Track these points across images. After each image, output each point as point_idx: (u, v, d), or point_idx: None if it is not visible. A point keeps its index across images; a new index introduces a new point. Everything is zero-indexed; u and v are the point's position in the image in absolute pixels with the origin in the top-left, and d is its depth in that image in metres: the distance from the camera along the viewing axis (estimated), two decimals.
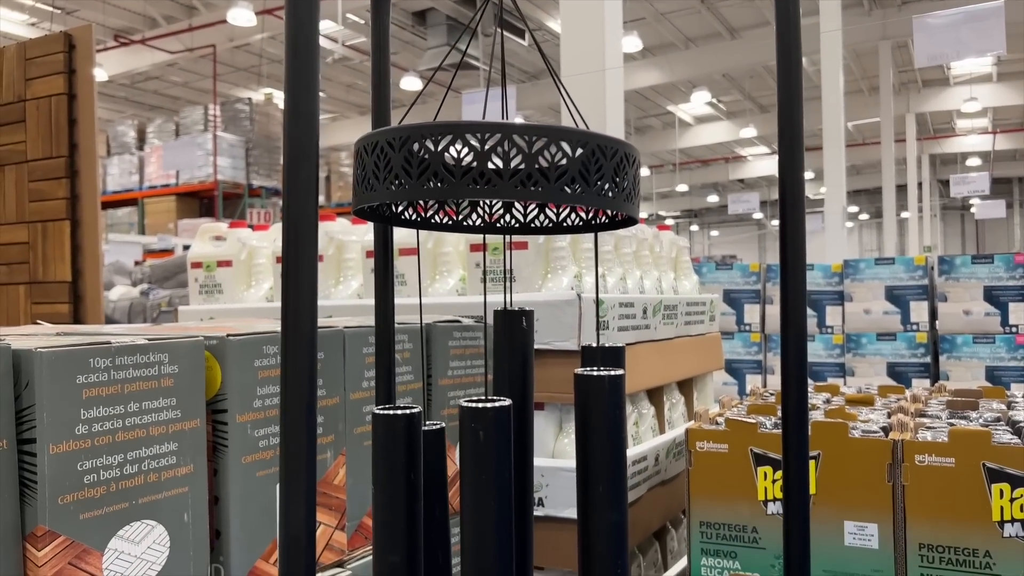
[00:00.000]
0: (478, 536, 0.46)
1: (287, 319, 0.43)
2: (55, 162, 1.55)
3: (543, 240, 1.35)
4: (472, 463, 0.46)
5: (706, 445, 1.20)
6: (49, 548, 0.64)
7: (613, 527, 0.49)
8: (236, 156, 8.64)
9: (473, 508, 0.46)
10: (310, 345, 0.39)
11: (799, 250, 0.54)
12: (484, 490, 0.46)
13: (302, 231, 0.45)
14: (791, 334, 0.55)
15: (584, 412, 0.51)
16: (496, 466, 0.46)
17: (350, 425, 0.95)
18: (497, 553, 0.46)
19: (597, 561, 0.48)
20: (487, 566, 0.46)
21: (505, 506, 0.46)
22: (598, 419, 0.50)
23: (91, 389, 0.68)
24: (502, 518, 0.46)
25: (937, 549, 1.07)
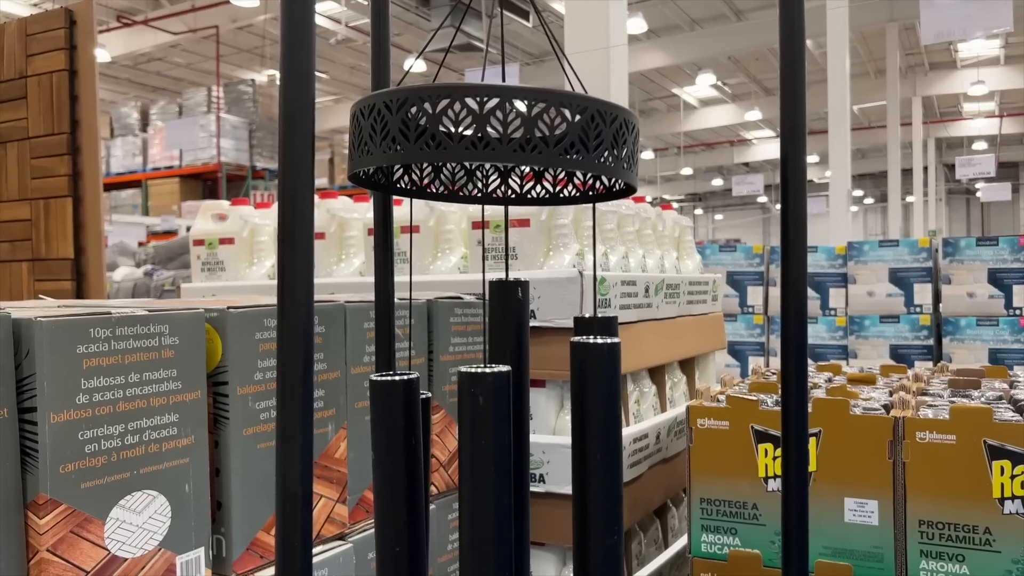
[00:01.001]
0: (477, 502, 0.46)
1: (284, 257, 0.42)
2: (57, 139, 1.55)
3: (545, 217, 1.35)
4: (470, 428, 0.46)
5: (707, 422, 1.21)
6: (51, 516, 0.64)
7: (609, 494, 0.49)
8: (239, 138, 8.61)
9: (472, 473, 0.46)
10: (306, 300, 0.39)
11: (800, 213, 0.54)
12: (483, 455, 0.46)
13: (299, 190, 0.45)
14: (791, 306, 0.55)
15: (581, 380, 0.50)
16: (495, 431, 0.46)
17: (351, 399, 0.95)
18: (496, 519, 0.46)
19: (592, 527, 0.48)
20: (486, 533, 0.46)
21: (503, 471, 0.46)
22: (595, 387, 0.50)
23: (91, 359, 0.68)
24: (500, 483, 0.46)
25: (937, 526, 1.07)
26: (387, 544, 0.50)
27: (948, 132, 16.56)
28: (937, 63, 13.13)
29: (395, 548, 0.50)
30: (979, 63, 12.56)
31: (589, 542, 0.48)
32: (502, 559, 0.44)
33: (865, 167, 18.60)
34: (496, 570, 0.43)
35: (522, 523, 0.60)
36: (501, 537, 0.46)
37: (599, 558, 0.48)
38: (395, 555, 0.50)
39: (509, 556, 0.45)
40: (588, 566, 0.49)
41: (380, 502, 0.51)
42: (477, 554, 0.44)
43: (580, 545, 0.50)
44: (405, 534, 0.50)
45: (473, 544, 0.45)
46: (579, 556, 0.50)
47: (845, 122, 7.66)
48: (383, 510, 0.51)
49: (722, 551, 1.20)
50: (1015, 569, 1.03)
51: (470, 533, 0.46)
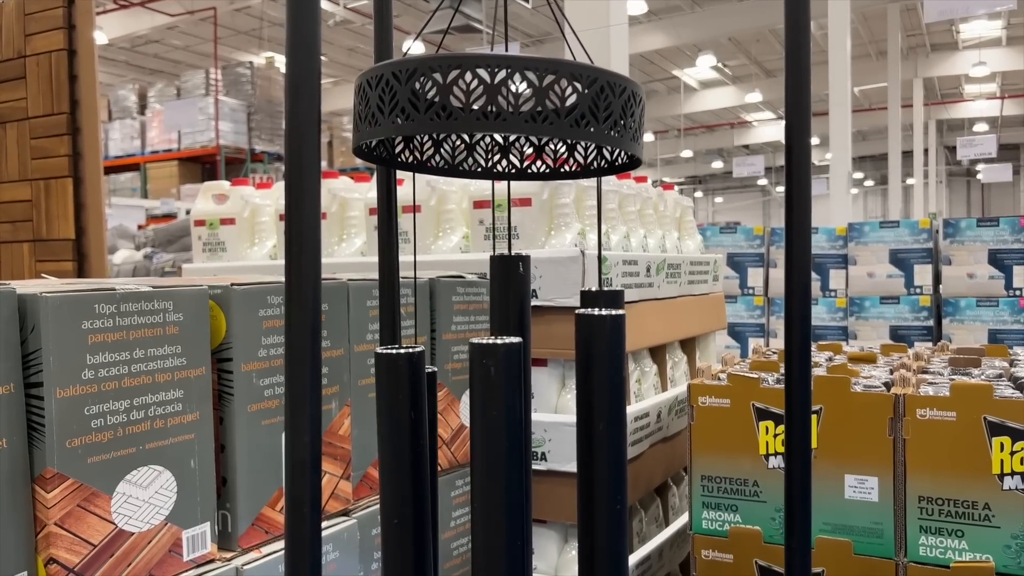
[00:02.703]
0: (489, 473, 0.47)
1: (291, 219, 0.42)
2: (56, 119, 1.54)
3: (547, 197, 1.34)
4: (482, 399, 0.46)
5: (708, 400, 1.21)
6: (58, 490, 0.65)
7: (613, 464, 0.50)
8: (238, 121, 8.58)
9: (484, 444, 0.46)
10: (314, 258, 0.39)
11: (804, 188, 0.54)
12: (495, 426, 0.46)
13: (306, 160, 0.45)
14: (795, 283, 0.55)
15: (586, 351, 0.51)
16: (506, 401, 0.46)
17: (355, 377, 0.96)
18: (508, 490, 0.47)
19: (597, 497, 0.49)
20: (498, 505, 0.46)
21: (515, 442, 0.47)
22: (600, 358, 0.50)
23: (96, 335, 0.68)
24: (512, 453, 0.46)
25: (936, 502, 1.08)
26: (391, 515, 0.51)
27: (949, 114, 16.50)
28: (939, 44, 13.06)
29: (398, 519, 0.50)
30: (981, 44, 12.50)
31: (594, 511, 0.49)
32: (514, 528, 0.44)
33: (865, 149, 18.55)
34: (508, 538, 0.43)
35: (525, 500, 0.60)
36: (513, 507, 0.46)
37: (604, 527, 0.49)
38: (399, 526, 0.50)
39: (521, 525, 0.45)
40: (594, 535, 0.49)
41: (385, 474, 0.51)
42: (489, 523, 0.45)
43: (585, 514, 0.51)
44: (409, 505, 0.51)
45: (485, 514, 0.45)
46: (584, 525, 0.50)
47: (846, 104, 7.63)
48: (388, 481, 0.51)
49: (723, 528, 1.21)
50: (1014, 544, 1.04)
51: (482, 503, 0.47)
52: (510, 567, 0.42)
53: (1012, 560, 1.04)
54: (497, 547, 0.43)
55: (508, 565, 0.42)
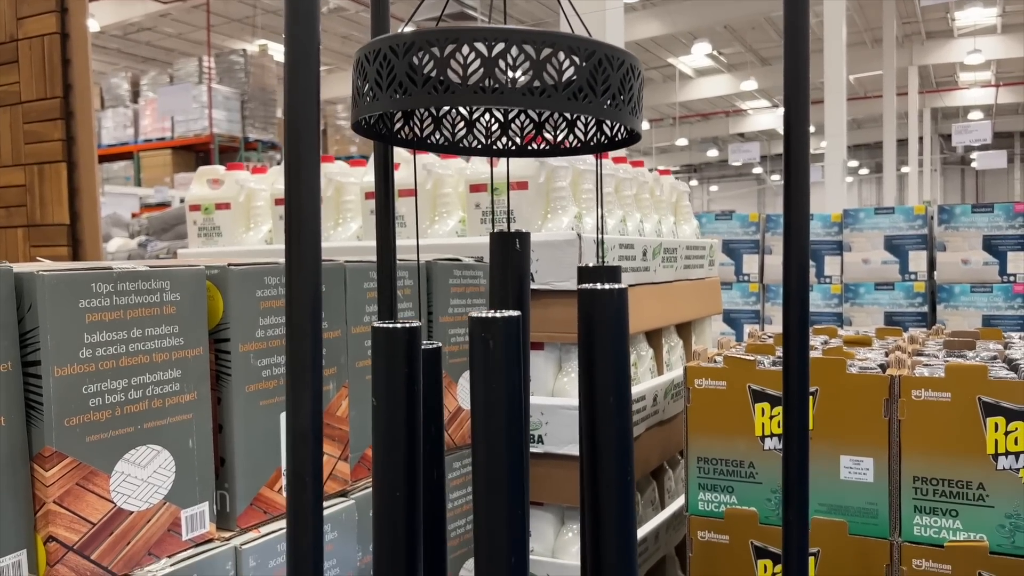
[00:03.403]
0: (490, 447, 0.47)
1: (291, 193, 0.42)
2: (50, 103, 1.53)
3: (543, 180, 1.34)
4: (482, 372, 0.46)
5: (704, 382, 1.21)
6: (57, 469, 0.65)
7: (620, 436, 0.50)
8: (232, 109, 8.54)
9: (485, 417, 0.46)
10: (314, 226, 0.39)
11: (803, 164, 0.54)
12: (495, 399, 0.46)
13: (304, 138, 0.45)
14: (793, 264, 0.55)
15: (589, 325, 0.51)
16: (506, 374, 0.46)
17: (352, 359, 0.96)
18: (509, 464, 0.47)
19: (605, 472, 0.49)
20: (500, 478, 0.46)
21: (515, 414, 0.47)
22: (603, 332, 0.50)
23: (94, 314, 0.68)
24: (513, 427, 0.46)
25: (931, 482, 1.08)
26: (387, 489, 0.51)
27: (944, 102, 16.51)
28: (934, 32, 13.04)
29: (395, 492, 0.50)
30: (976, 32, 12.49)
31: (601, 487, 0.49)
32: (516, 499, 0.44)
33: (860, 137, 18.55)
34: (510, 508, 0.44)
35: (522, 480, 0.61)
36: (515, 480, 0.46)
37: (613, 502, 0.49)
38: (394, 499, 0.51)
39: (522, 496, 0.45)
40: (600, 509, 0.49)
41: (379, 448, 0.51)
42: (492, 496, 0.45)
43: (591, 488, 0.51)
44: (404, 479, 0.51)
45: (488, 487, 0.46)
46: (591, 499, 0.51)
47: (841, 91, 7.62)
48: (383, 456, 0.51)
49: (719, 509, 1.21)
50: (1007, 523, 1.05)
51: (485, 477, 0.47)
52: (511, 517, 0.43)
53: (1006, 539, 1.05)
54: (499, 504, 0.43)
55: (509, 515, 0.43)
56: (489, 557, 0.42)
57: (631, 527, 0.50)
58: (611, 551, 0.46)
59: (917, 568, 1.09)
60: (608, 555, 0.46)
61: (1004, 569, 1.04)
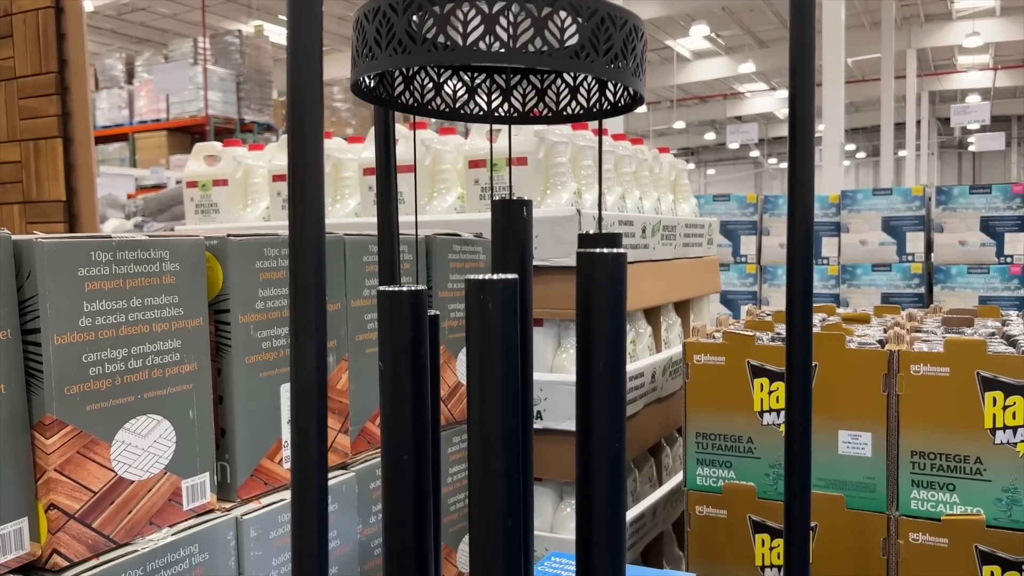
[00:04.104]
0: (487, 410, 0.46)
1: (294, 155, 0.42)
2: (45, 78, 1.52)
3: (542, 156, 1.34)
4: (478, 335, 0.46)
5: (703, 358, 1.22)
6: (57, 437, 0.65)
7: (612, 402, 0.50)
8: (227, 90, 8.48)
9: (480, 380, 0.46)
10: (317, 182, 0.39)
11: (807, 129, 0.54)
12: (492, 362, 0.46)
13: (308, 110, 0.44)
14: (798, 241, 0.55)
15: (587, 289, 0.51)
16: (504, 337, 0.46)
17: (352, 332, 0.96)
18: (506, 426, 0.47)
19: (596, 432, 0.49)
20: (495, 441, 0.46)
21: (512, 378, 0.47)
22: (600, 296, 0.50)
23: (93, 282, 0.67)
24: (510, 389, 0.46)
25: (929, 456, 1.09)
26: (394, 453, 0.51)
27: (942, 85, 16.47)
28: (932, 15, 13.00)
29: (403, 456, 0.50)
30: (975, 14, 12.44)
31: (592, 447, 0.49)
32: (511, 460, 0.44)
33: (858, 121, 18.52)
34: (505, 469, 0.44)
35: (526, 453, 0.60)
36: (510, 441, 0.46)
37: (603, 462, 0.49)
38: (402, 463, 0.51)
39: (517, 456, 0.45)
40: (592, 471, 0.49)
41: (387, 413, 0.51)
42: (487, 457, 0.45)
43: (583, 452, 0.51)
44: (411, 443, 0.51)
45: (483, 448, 0.45)
46: (583, 463, 0.51)
47: (839, 74, 7.60)
48: (390, 421, 0.51)
49: (717, 484, 1.22)
50: (1004, 497, 1.05)
51: (479, 439, 0.47)
52: (507, 480, 0.43)
53: (1003, 513, 1.06)
54: (495, 471, 0.43)
55: (506, 478, 0.43)
56: (485, 518, 0.43)
57: (621, 491, 0.50)
58: (602, 500, 0.47)
59: (914, 542, 1.09)
60: (599, 501, 0.47)
61: (1001, 542, 1.05)
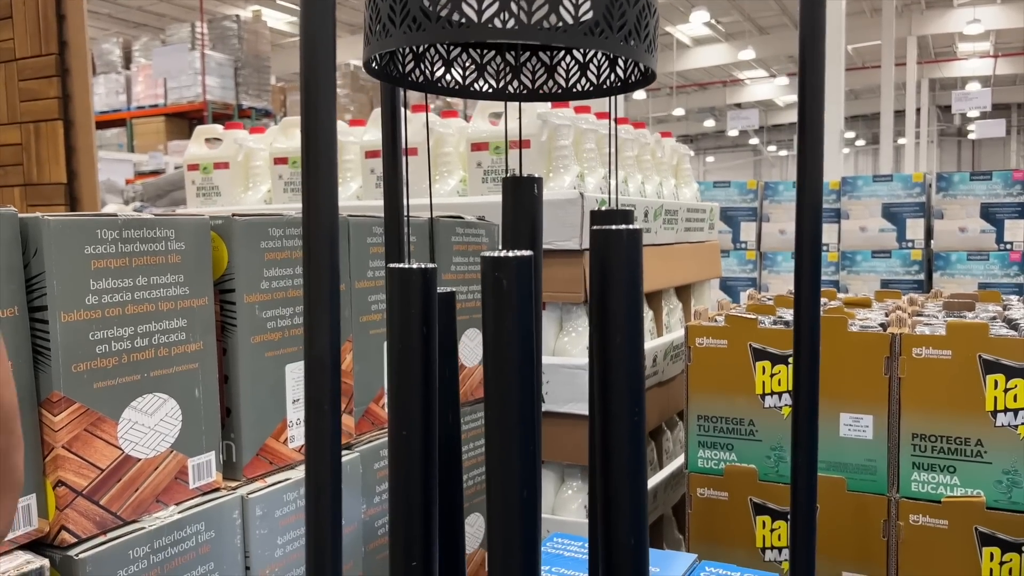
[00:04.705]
0: (503, 388, 0.47)
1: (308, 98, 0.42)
2: (45, 60, 1.51)
3: (545, 139, 1.33)
4: (494, 311, 0.46)
5: (705, 341, 1.22)
6: (65, 414, 0.65)
7: (631, 378, 0.50)
8: (225, 76, 8.44)
9: (495, 358, 0.46)
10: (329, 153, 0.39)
11: (817, 105, 0.54)
12: (508, 340, 0.46)
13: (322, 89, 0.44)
14: (806, 226, 0.55)
15: (603, 267, 0.51)
16: (520, 313, 0.46)
17: (356, 313, 0.96)
18: (522, 403, 0.47)
19: (615, 407, 0.49)
20: (513, 420, 0.46)
21: (527, 356, 0.47)
22: (617, 273, 0.50)
23: (99, 260, 0.67)
24: (526, 366, 0.46)
25: (930, 439, 1.09)
26: (400, 429, 0.51)
27: (942, 72, 16.43)
28: (933, 1, 12.94)
29: (403, 432, 0.51)
30: (976, 1, 12.39)
31: (610, 424, 0.49)
32: (527, 433, 0.45)
33: (857, 108, 18.48)
34: (522, 440, 0.44)
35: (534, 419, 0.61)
36: (527, 415, 0.47)
37: (623, 437, 0.49)
38: (406, 439, 0.51)
39: (534, 429, 0.45)
40: (610, 448, 0.49)
41: (393, 391, 0.51)
42: (504, 433, 0.45)
43: (603, 429, 0.51)
44: (419, 420, 0.51)
45: (501, 424, 0.46)
46: (602, 440, 0.51)
47: (840, 61, 7.57)
48: (397, 399, 0.51)
49: (718, 466, 1.22)
50: (1005, 479, 1.06)
51: (497, 413, 0.47)
52: (523, 450, 0.43)
53: (1003, 495, 1.06)
54: (513, 435, 0.43)
55: (522, 448, 0.43)
56: (502, 483, 0.43)
57: (642, 466, 0.50)
58: (623, 476, 0.47)
59: (914, 523, 1.10)
60: (619, 476, 0.47)
61: (1000, 524, 1.05)
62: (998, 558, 1.05)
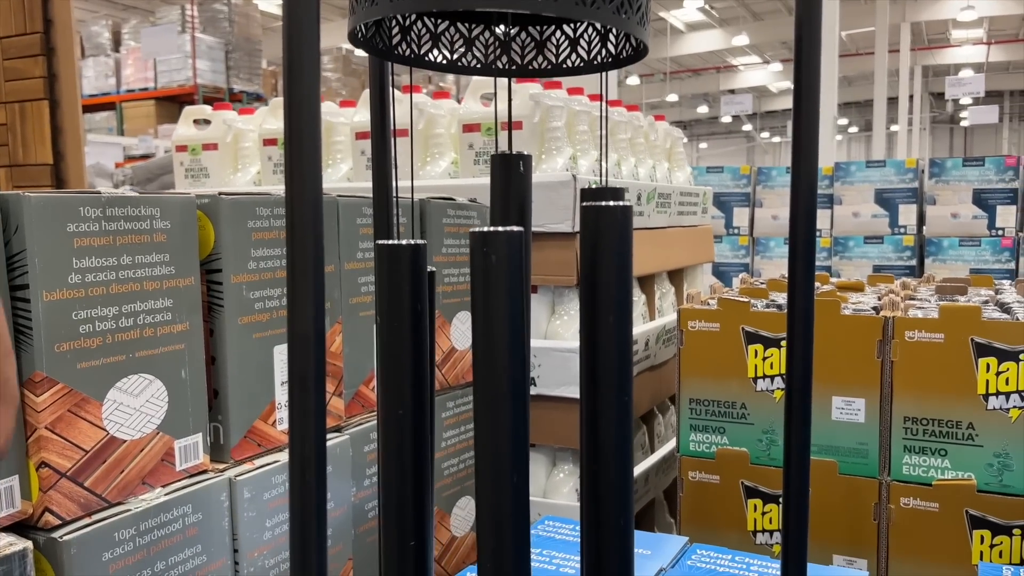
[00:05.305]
0: (492, 364, 0.46)
1: None
2: (30, 38, 1.49)
3: (538, 120, 1.32)
4: (483, 287, 0.45)
5: (698, 324, 1.21)
6: (48, 394, 0.64)
7: (621, 357, 0.49)
8: (216, 59, 8.36)
9: (486, 334, 0.45)
10: (314, 124, 0.38)
11: (813, 88, 0.53)
12: (498, 316, 0.45)
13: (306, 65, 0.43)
14: (801, 201, 0.54)
15: (593, 243, 0.50)
16: (509, 290, 0.45)
17: (345, 295, 0.95)
18: (511, 379, 0.46)
19: (603, 384, 0.48)
20: (503, 398, 0.46)
21: (518, 331, 0.46)
22: (607, 248, 0.49)
23: (82, 238, 0.66)
24: (515, 342, 0.45)
25: (921, 422, 1.09)
26: (391, 406, 0.50)
27: (935, 60, 16.42)
28: None
29: (399, 410, 0.50)
30: None
31: (599, 401, 0.49)
32: (518, 411, 0.44)
33: (850, 95, 18.47)
34: (513, 418, 0.43)
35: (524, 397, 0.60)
36: (517, 395, 0.46)
37: (610, 415, 0.49)
38: (399, 417, 0.50)
39: (524, 408, 0.45)
40: (598, 424, 0.49)
41: (383, 368, 0.50)
42: (493, 410, 0.44)
43: (590, 406, 0.50)
44: (409, 397, 0.50)
45: (490, 402, 0.45)
46: (589, 417, 0.50)
47: (833, 47, 7.56)
48: (388, 375, 0.50)
49: (710, 449, 1.22)
50: (996, 462, 1.06)
51: (485, 394, 0.46)
52: (514, 426, 0.42)
53: (994, 478, 1.06)
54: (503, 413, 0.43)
55: (513, 424, 0.42)
56: (492, 455, 0.42)
57: (628, 440, 0.50)
58: (609, 443, 0.46)
59: (905, 506, 1.10)
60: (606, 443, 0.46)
61: (991, 506, 1.06)
62: (988, 540, 1.06)
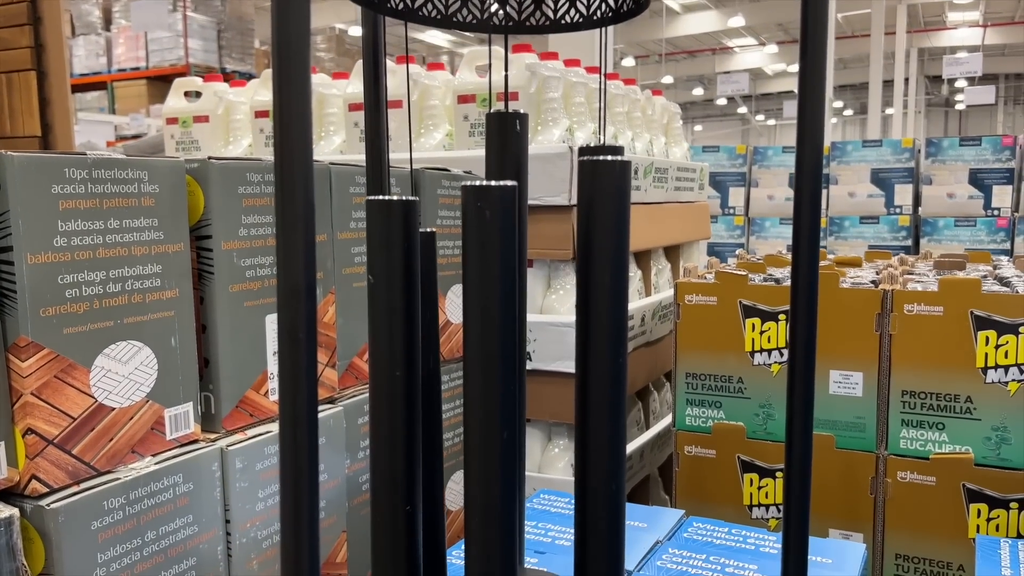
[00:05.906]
0: (485, 325, 0.44)
1: None
2: (16, 7, 1.46)
3: (534, 90, 1.30)
4: (477, 243, 0.43)
5: (695, 298, 1.20)
6: (33, 360, 0.62)
7: (614, 318, 0.48)
8: (208, 38, 8.27)
9: (480, 294, 0.44)
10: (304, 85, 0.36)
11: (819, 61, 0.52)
12: (490, 272, 0.44)
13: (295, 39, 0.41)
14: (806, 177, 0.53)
15: (589, 200, 0.48)
16: (503, 247, 0.43)
17: (339, 265, 0.93)
18: (503, 342, 0.45)
19: (595, 351, 0.47)
20: (493, 354, 0.44)
21: (511, 290, 0.44)
22: (603, 205, 0.48)
23: (68, 200, 0.64)
24: (508, 301, 0.44)
25: (919, 395, 1.09)
26: (384, 369, 0.49)
27: (931, 42, 16.36)
28: None
29: (395, 372, 0.49)
30: None
31: (589, 365, 0.47)
32: (508, 372, 0.43)
33: (846, 78, 18.40)
34: (503, 377, 0.42)
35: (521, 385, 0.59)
36: (508, 357, 0.45)
37: (603, 381, 0.48)
38: (393, 379, 0.49)
39: (515, 370, 0.43)
40: (589, 388, 0.48)
41: (375, 329, 0.49)
42: (485, 370, 0.43)
43: (582, 371, 0.49)
44: (403, 361, 0.49)
45: (481, 361, 0.44)
46: (581, 382, 0.49)
47: (829, 28, 7.53)
48: (381, 334, 0.49)
49: (706, 424, 1.21)
50: (994, 436, 1.05)
51: (477, 353, 0.45)
52: (505, 389, 0.41)
53: (991, 451, 1.06)
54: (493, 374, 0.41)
55: (503, 387, 0.41)
56: (482, 422, 0.41)
57: (621, 404, 0.48)
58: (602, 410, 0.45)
59: (902, 480, 1.09)
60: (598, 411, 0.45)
61: (988, 480, 1.05)
62: (985, 514, 1.05)
